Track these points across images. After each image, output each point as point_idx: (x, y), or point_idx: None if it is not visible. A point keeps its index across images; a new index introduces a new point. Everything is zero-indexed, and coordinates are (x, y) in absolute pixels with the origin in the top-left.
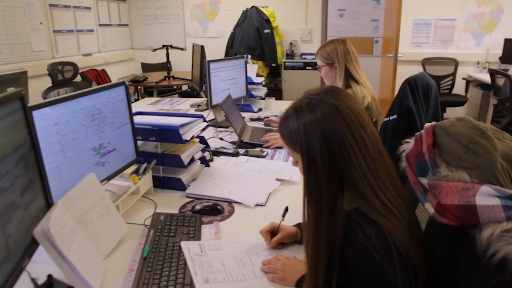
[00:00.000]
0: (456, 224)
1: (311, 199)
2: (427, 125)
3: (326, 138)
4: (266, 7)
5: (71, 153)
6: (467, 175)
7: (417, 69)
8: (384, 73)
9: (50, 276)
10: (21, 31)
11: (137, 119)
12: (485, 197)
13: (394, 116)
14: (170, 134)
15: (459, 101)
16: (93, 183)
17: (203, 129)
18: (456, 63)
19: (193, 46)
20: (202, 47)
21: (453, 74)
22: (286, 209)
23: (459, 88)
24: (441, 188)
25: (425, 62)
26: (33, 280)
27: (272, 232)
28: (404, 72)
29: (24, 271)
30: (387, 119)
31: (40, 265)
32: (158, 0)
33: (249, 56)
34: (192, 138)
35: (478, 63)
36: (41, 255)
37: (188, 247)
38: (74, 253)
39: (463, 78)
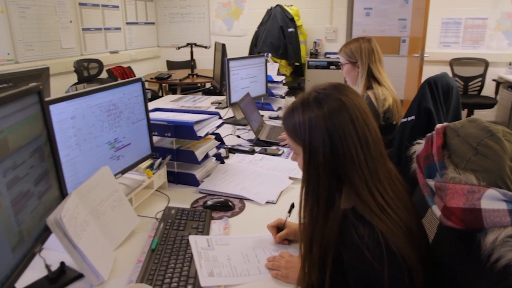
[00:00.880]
0: (461, 227)
1: (308, 193)
2: (438, 126)
3: (329, 133)
4: (291, 5)
5: (87, 146)
6: (474, 177)
7: (445, 70)
8: (410, 74)
9: (62, 263)
10: (51, 29)
11: (154, 115)
12: (491, 200)
13: (412, 117)
14: (185, 130)
15: (488, 103)
16: (107, 176)
17: (218, 126)
18: (486, 64)
19: (215, 44)
20: (223, 45)
21: (483, 75)
22: (292, 206)
23: (488, 89)
24: (447, 191)
25: (453, 62)
26: (47, 266)
27: (279, 227)
28: (431, 73)
29: (39, 257)
30: (405, 120)
31: (55, 252)
32: None
33: (269, 55)
34: (206, 134)
35: (510, 63)
36: (56, 243)
37: (196, 241)
38: (85, 242)
39: (493, 80)
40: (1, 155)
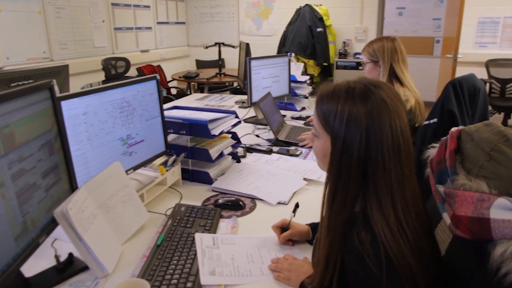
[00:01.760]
0: (469, 237)
1: (338, 190)
2: (453, 129)
3: (368, 133)
4: (320, 5)
5: (98, 141)
6: (486, 185)
7: (480, 71)
8: (442, 75)
9: (71, 255)
10: (85, 28)
11: (171, 113)
12: (501, 210)
13: (435, 120)
14: (199, 129)
15: None
16: (118, 171)
17: (234, 125)
18: None
19: (240, 44)
20: (247, 45)
21: None
22: (297, 205)
23: None
24: (456, 198)
25: (490, 63)
26: (56, 257)
27: (283, 228)
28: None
29: (52, 248)
30: (427, 122)
31: (68, 244)
32: None
33: (293, 54)
34: (221, 133)
35: None
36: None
37: (201, 239)
38: (91, 235)
39: None
40: (7, 148)
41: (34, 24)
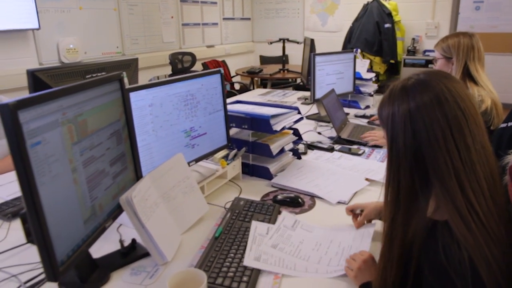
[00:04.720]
0: None
1: (390, 182)
2: None
3: (411, 115)
4: (389, 0)
5: (163, 133)
6: None
7: None
8: None
9: (134, 240)
10: (155, 24)
11: (234, 107)
12: None
13: None
14: (261, 123)
15: None
16: (180, 162)
17: (296, 121)
18: None
19: (304, 39)
20: (312, 40)
21: None
22: None
23: None
24: None
25: None
26: (121, 241)
27: (355, 212)
28: None
29: (117, 233)
30: (504, 125)
31: (131, 230)
32: None
33: (359, 51)
34: (283, 129)
35: None
36: None
37: (256, 226)
38: (153, 223)
39: None
40: (80, 136)
41: (109, 20)
